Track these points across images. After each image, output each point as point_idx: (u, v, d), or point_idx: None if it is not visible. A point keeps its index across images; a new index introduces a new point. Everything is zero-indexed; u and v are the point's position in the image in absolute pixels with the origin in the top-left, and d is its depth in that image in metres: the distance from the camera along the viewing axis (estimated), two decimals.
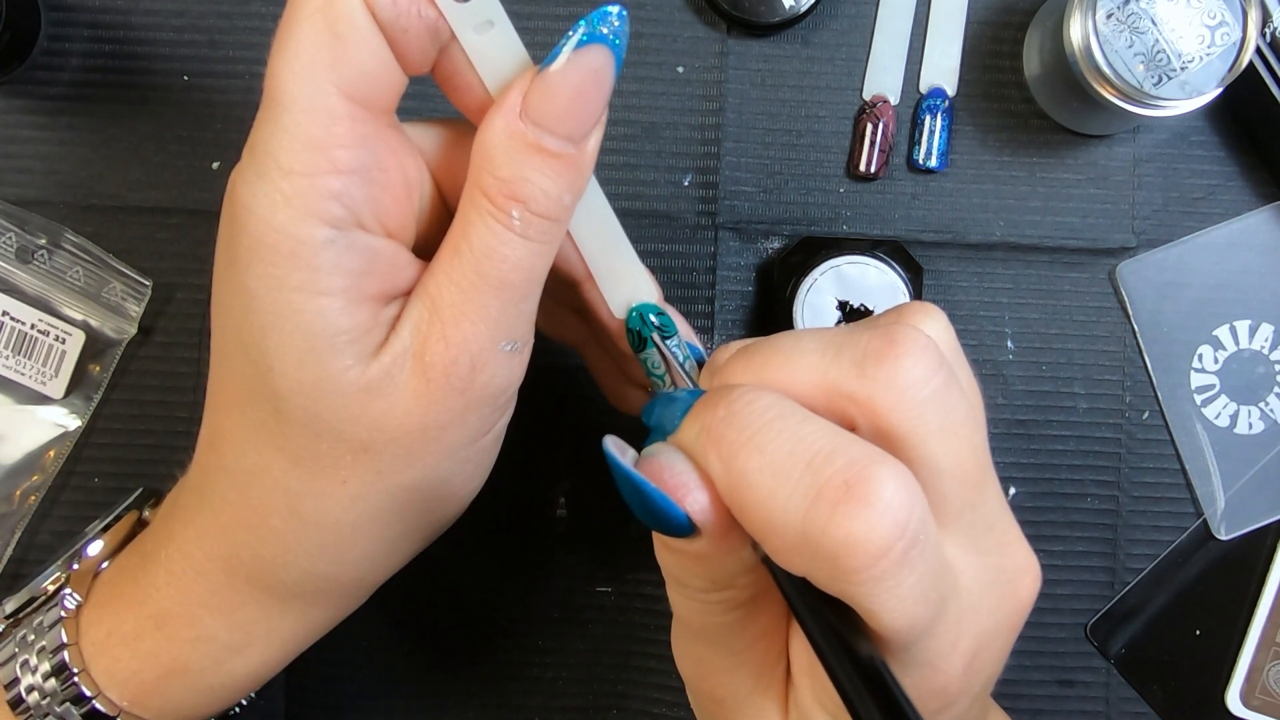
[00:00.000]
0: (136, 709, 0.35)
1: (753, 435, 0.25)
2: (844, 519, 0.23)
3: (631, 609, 0.48)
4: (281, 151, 0.28)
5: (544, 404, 0.47)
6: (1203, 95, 0.42)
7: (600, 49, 0.29)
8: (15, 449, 0.46)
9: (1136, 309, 0.48)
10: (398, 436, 0.30)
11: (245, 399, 0.31)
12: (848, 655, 0.24)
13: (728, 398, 0.26)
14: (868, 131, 0.48)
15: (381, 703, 0.48)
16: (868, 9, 0.48)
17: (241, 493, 0.32)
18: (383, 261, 0.30)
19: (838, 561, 0.23)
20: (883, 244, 0.46)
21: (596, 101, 0.29)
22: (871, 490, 0.23)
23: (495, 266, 0.29)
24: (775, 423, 0.25)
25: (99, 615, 0.35)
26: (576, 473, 0.49)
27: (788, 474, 0.24)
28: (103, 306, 0.47)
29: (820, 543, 0.24)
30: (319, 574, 0.33)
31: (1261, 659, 0.48)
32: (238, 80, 0.48)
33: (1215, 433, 0.48)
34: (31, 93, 0.47)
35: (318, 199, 0.28)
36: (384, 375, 0.29)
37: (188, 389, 0.48)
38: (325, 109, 0.28)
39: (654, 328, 0.35)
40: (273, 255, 0.28)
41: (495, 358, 0.30)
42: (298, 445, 0.30)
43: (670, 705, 0.48)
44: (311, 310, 0.28)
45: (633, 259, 0.35)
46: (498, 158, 0.29)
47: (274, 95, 0.28)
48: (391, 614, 0.48)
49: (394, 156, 0.30)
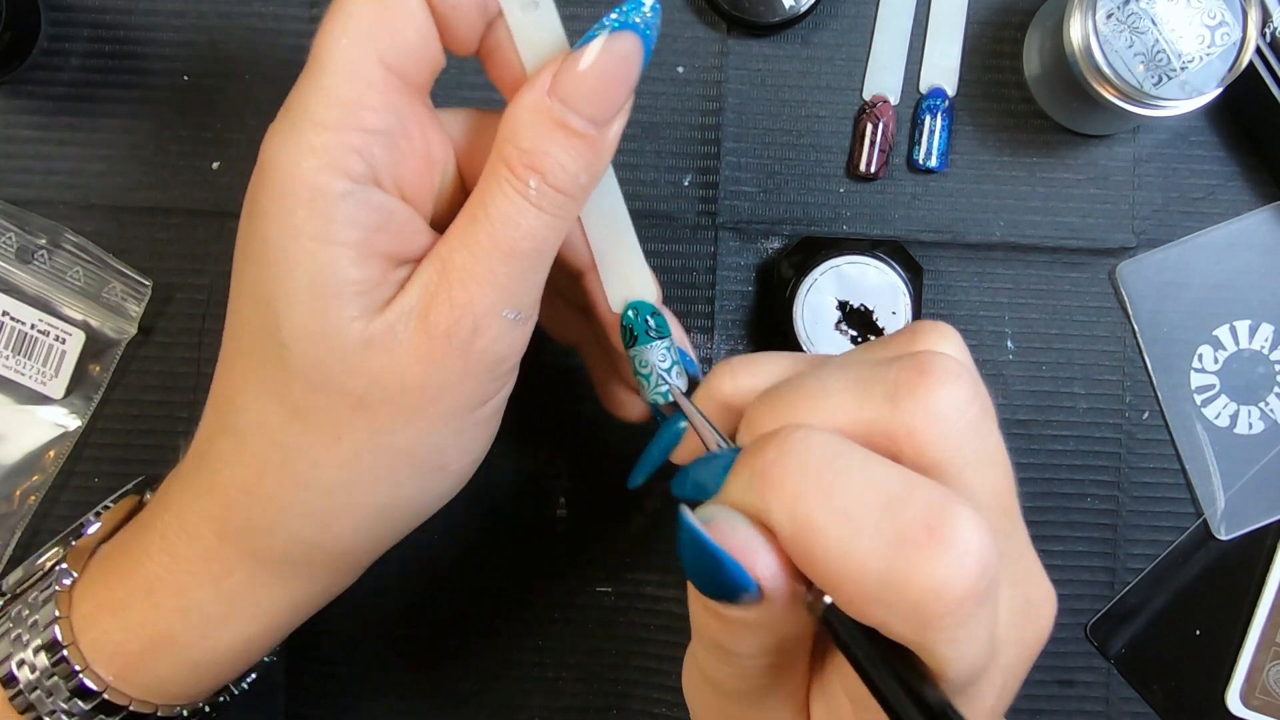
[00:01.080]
0: (122, 684, 0.35)
1: (816, 478, 0.24)
2: (931, 564, 0.23)
3: (631, 609, 0.48)
4: (314, 107, 0.29)
5: (545, 404, 0.47)
6: (1203, 95, 0.42)
7: (630, 36, 0.30)
8: (15, 449, 0.46)
9: (1136, 309, 0.48)
10: (395, 394, 0.30)
11: (252, 351, 0.31)
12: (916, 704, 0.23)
13: (777, 439, 0.25)
14: (868, 131, 0.48)
15: (381, 703, 0.48)
16: (868, 9, 0.48)
17: (238, 450, 0.32)
18: (396, 222, 0.31)
19: (922, 609, 0.23)
20: (883, 244, 0.46)
21: (623, 87, 0.31)
22: (954, 533, 0.23)
23: (508, 233, 0.30)
24: (837, 463, 0.24)
25: (91, 589, 0.36)
26: (577, 473, 0.49)
27: (862, 519, 0.23)
28: (103, 306, 0.47)
29: (905, 590, 0.23)
30: (307, 540, 0.33)
31: (1261, 659, 0.48)
32: (238, 80, 0.48)
33: (1215, 433, 0.48)
34: (31, 93, 0.47)
35: (341, 153, 0.29)
36: (387, 330, 0.30)
37: (188, 389, 0.48)
38: (363, 74, 0.29)
39: (646, 326, 0.35)
40: (292, 203, 0.29)
41: (498, 323, 0.31)
42: (297, 397, 0.31)
43: (670, 705, 0.48)
44: (323, 258, 0.29)
45: (638, 257, 0.36)
46: (522, 130, 0.30)
47: (316, 57, 0.30)
48: (391, 614, 0.48)
49: (420, 129, 0.31)
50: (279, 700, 0.48)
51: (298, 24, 0.48)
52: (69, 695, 0.35)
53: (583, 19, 0.47)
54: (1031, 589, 0.28)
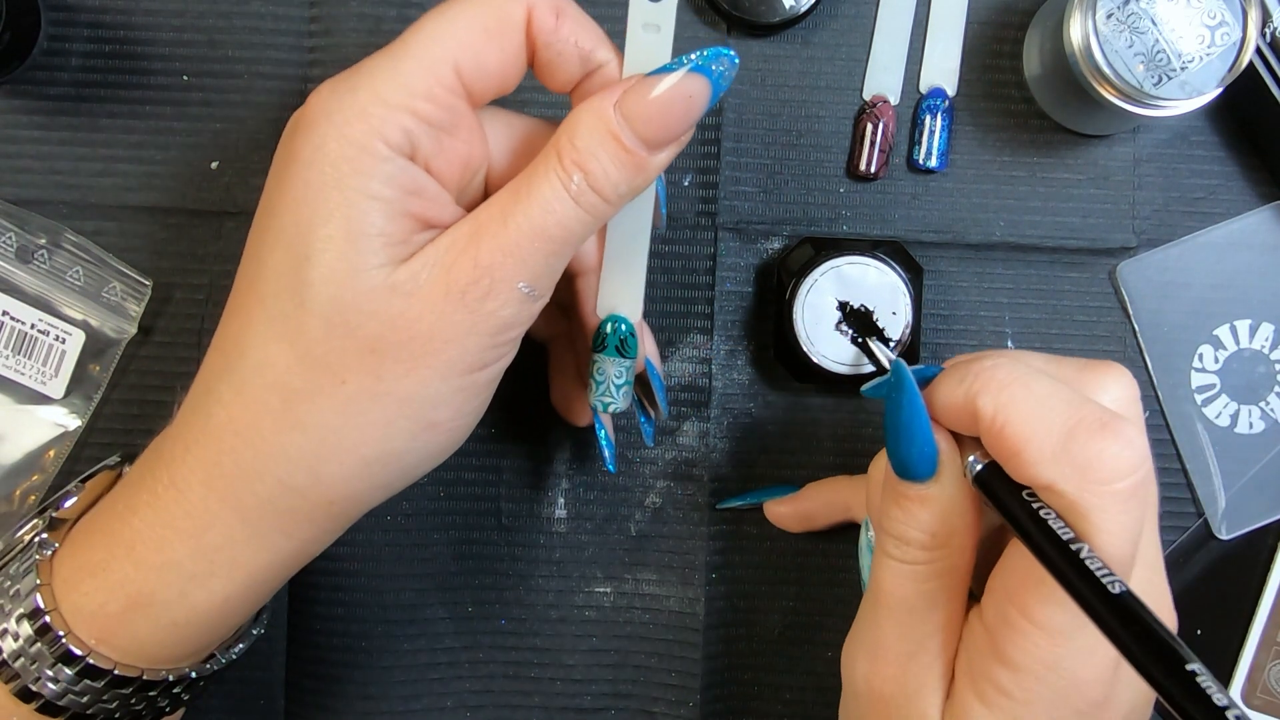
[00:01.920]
0: (104, 647, 0.35)
1: (1019, 377, 0.31)
2: (1102, 441, 0.29)
3: (630, 609, 0.48)
4: (383, 83, 0.32)
5: (544, 404, 0.47)
6: (1203, 95, 0.42)
7: (701, 80, 0.33)
8: (15, 449, 0.46)
9: (1137, 309, 0.48)
10: (405, 340, 0.33)
11: (270, 293, 0.33)
12: (1070, 556, 0.28)
13: (987, 355, 0.33)
14: (868, 131, 0.48)
15: (381, 703, 0.48)
16: (868, 9, 0.48)
17: (238, 393, 0.34)
18: (428, 193, 0.33)
19: (1088, 471, 0.29)
20: (883, 244, 0.46)
21: (681, 122, 0.34)
22: (1123, 429, 0.29)
23: (543, 216, 0.33)
24: (1036, 375, 0.31)
25: (72, 552, 0.36)
26: (576, 473, 0.49)
27: (1052, 405, 0.30)
28: (103, 306, 0.47)
29: (1078, 453, 0.29)
30: (294, 487, 0.34)
31: (1263, 658, 0.48)
32: (238, 80, 0.48)
33: (1216, 432, 0.48)
34: (31, 93, 0.47)
35: (391, 127, 0.32)
36: (409, 276, 0.32)
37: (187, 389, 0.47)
38: (436, 72, 0.33)
39: (618, 341, 0.39)
40: (337, 157, 0.32)
41: (511, 292, 0.33)
42: (310, 338, 0.33)
43: (669, 704, 0.48)
44: (360, 208, 0.32)
45: (640, 279, 0.39)
46: (580, 130, 0.33)
47: (405, 41, 0.33)
48: (391, 614, 0.48)
49: (466, 134, 0.35)
50: (279, 700, 0.48)
51: (298, 24, 0.48)
52: (54, 662, 0.35)
53: None
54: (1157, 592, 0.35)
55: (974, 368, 0.32)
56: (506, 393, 0.38)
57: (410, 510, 0.48)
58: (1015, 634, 0.30)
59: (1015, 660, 0.30)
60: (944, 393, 0.32)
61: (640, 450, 0.48)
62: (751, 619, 0.48)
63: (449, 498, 0.48)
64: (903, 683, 0.33)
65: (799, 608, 0.48)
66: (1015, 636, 0.30)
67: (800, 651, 0.48)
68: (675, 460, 0.48)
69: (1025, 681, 0.30)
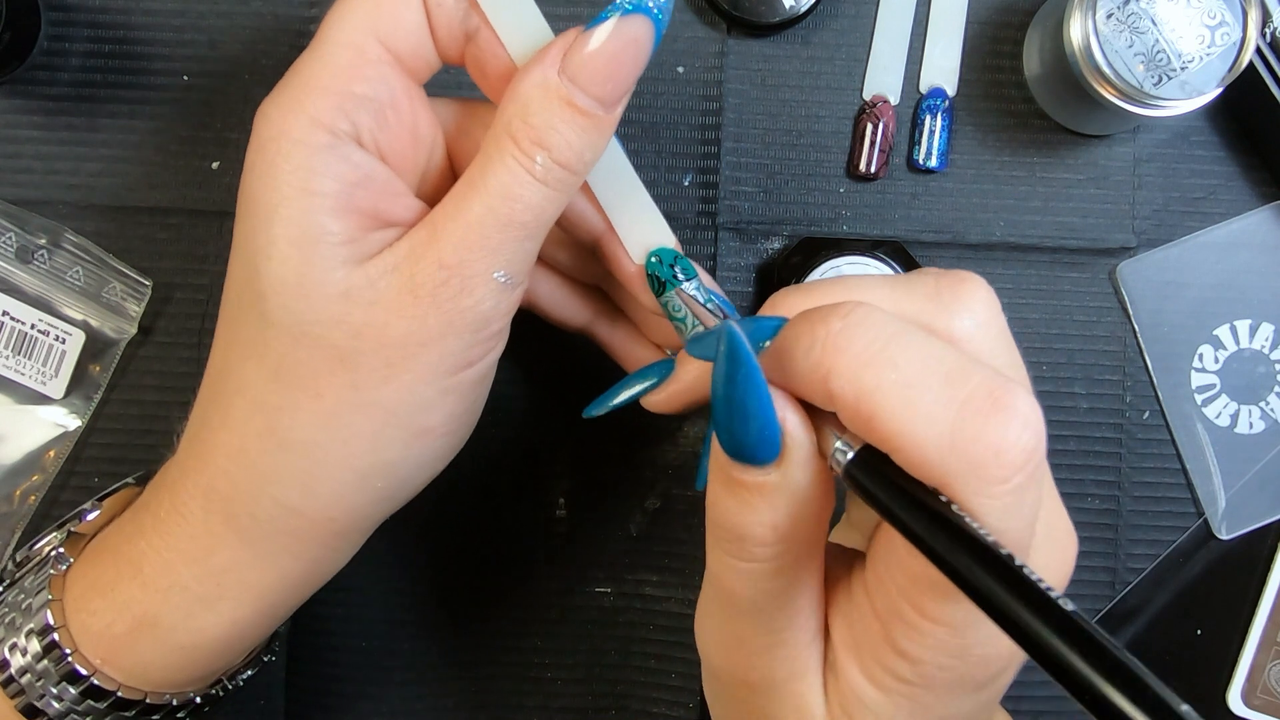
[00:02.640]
0: (109, 668, 0.35)
1: (882, 348, 0.25)
2: (994, 429, 0.24)
3: (630, 609, 0.48)
4: (308, 72, 0.31)
5: (544, 404, 0.47)
6: (1203, 95, 0.42)
7: (643, 20, 0.31)
8: (15, 449, 0.46)
9: (1137, 309, 0.48)
10: (376, 347, 0.31)
11: (237, 314, 0.32)
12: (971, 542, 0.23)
13: (840, 312, 0.26)
14: (868, 131, 0.48)
15: (381, 703, 0.48)
16: (868, 9, 0.48)
17: (225, 417, 0.33)
18: (377, 182, 0.32)
19: (982, 469, 0.24)
20: (883, 245, 0.46)
21: (632, 70, 0.31)
22: (1016, 404, 0.24)
23: (508, 205, 0.31)
24: (902, 337, 0.25)
25: (84, 570, 0.36)
26: (576, 473, 0.49)
27: (926, 388, 0.24)
28: (103, 306, 0.46)
29: (969, 451, 0.24)
30: (291, 506, 0.33)
31: (1263, 658, 0.48)
32: (238, 80, 0.48)
33: (1216, 432, 0.48)
34: (31, 93, 0.47)
35: (326, 112, 0.30)
36: (368, 283, 0.31)
37: (187, 389, 0.47)
38: (358, 46, 0.31)
39: (672, 271, 0.36)
40: (274, 157, 0.30)
41: (487, 284, 0.31)
42: (277, 354, 0.31)
43: (669, 704, 0.48)
44: (301, 205, 0.30)
45: (651, 208, 0.36)
46: (532, 105, 0.31)
47: (320, 35, 0.31)
48: (391, 614, 0.48)
49: (409, 104, 0.33)
50: (279, 700, 0.47)
51: (297, 24, 0.48)
52: (59, 680, 0.35)
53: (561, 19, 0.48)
54: (1054, 519, 0.29)
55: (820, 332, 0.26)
56: (506, 391, 0.38)
57: (410, 510, 0.48)
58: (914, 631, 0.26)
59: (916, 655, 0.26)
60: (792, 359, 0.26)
61: (643, 450, 0.48)
62: None
63: (449, 498, 0.48)
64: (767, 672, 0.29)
65: None
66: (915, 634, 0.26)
67: None
68: (675, 461, 0.48)
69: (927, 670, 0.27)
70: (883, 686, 0.27)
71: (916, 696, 0.27)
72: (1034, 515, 0.25)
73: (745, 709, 0.30)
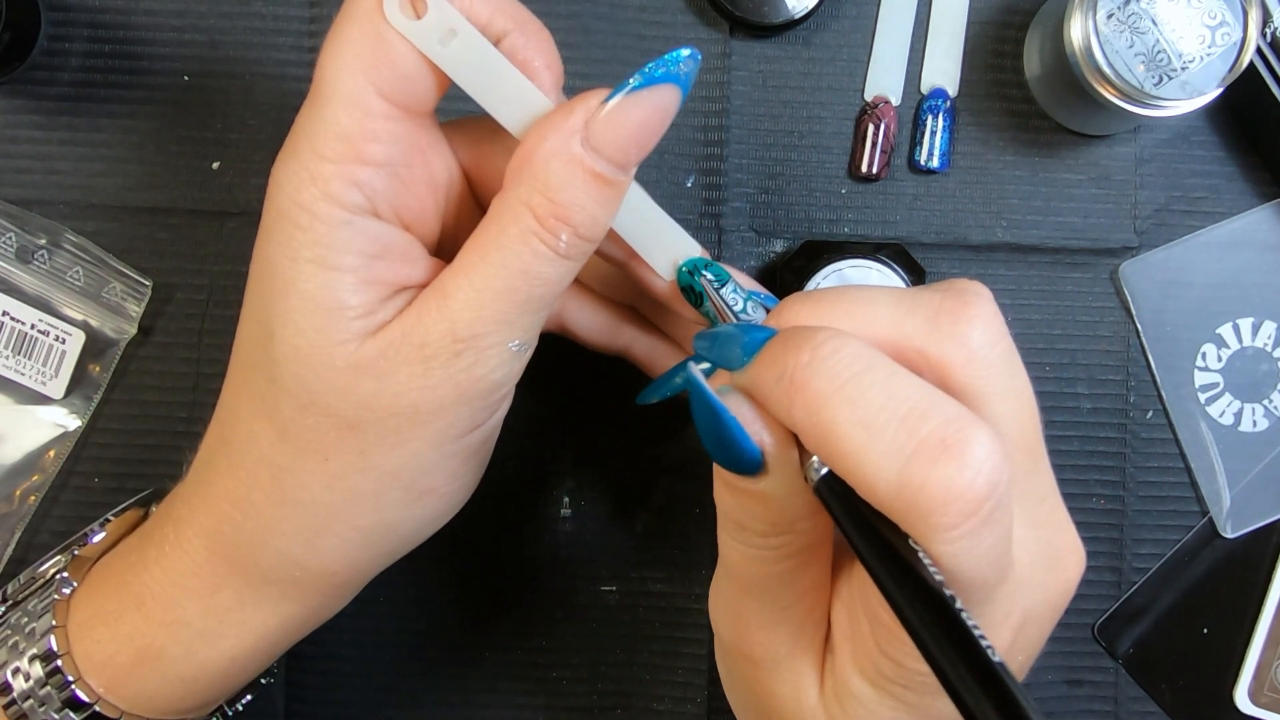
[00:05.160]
0: (112, 696, 0.35)
1: (842, 386, 0.25)
2: (941, 477, 0.23)
3: (635, 607, 0.48)
4: (317, 138, 0.30)
5: (547, 404, 0.47)
6: (1203, 95, 0.42)
7: (671, 88, 0.30)
8: (15, 449, 0.46)
9: (1139, 308, 0.48)
10: (384, 416, 0.31)
11: (248, 367, 0.32)
12: (914, 581, 0.24)
13: (812, 343, 0.26)
14: (869, 132, 0.48)
15: (382, 703, 0.48)
16: (869, 10, 0.48)
17: (232, 464, 0.33)
18: (395, 251, 0.31)
19: (930, 519, 0.24)
20: (885, 247, 0.46)
21: (657, 136, 0.30)
22: (968, 450, 0.24)
23: (528, 284, 0.30)
24: (865, 375, 0.25)
25: (88, 597, 0.36)
26: (580, 472, 0.48)
27: (882, 428, 0.24)
28: (103, 306, 0.46)
29: (915, 500, 0.24)
30: (293, 559, 0.33)
31: (1269, 656, 0.48)
32: (238, 80, 0.48)
33: (1220, 431, 0.48)
34: (31, 93, 0.47)
35: (341, 184, 0.29)
36: (379, 354, 0.30)
37: (187, 389, 0.47)
38: (362, 105, 0.29)
39: (704, 277, 0.35)
40: (292, 228, 0.30)
41: (500, 354, 0.31)
42: (286, 416, 0.31)
43: (675, 701, 0.48)
44: (319, 281, 0.30)
45: (667, 222, 0.35)
46: (555, 180, 0.29)
47: (319, 86, 0.30)
48: (393, 614, 0.48)
49: (422, 156, 0.32)
50: (279, 700, 0.47)
51: (298, 24, 0.48)
52: (60, 706, 0.35)
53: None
54: (1056, 535, 0.29)
55: (791, 360, 0.26)
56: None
57: None
58: (892, 637, 0.26)
59: (896, 658, 0.27)
60: (765, 384, 0.27)
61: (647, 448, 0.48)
62: None
63: None
64: (770, 648, 0.30)
65: None
66: (892, 640, 0.26)
67: None
68: (680, 458, 0.48)
69: (907, 674, 0.27)
70: (872, 681, 0.27)
71: (901, 695, 0.27)
72: (994, 554, 0.25)
73: (748, 683, 0.31)
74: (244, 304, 0.33)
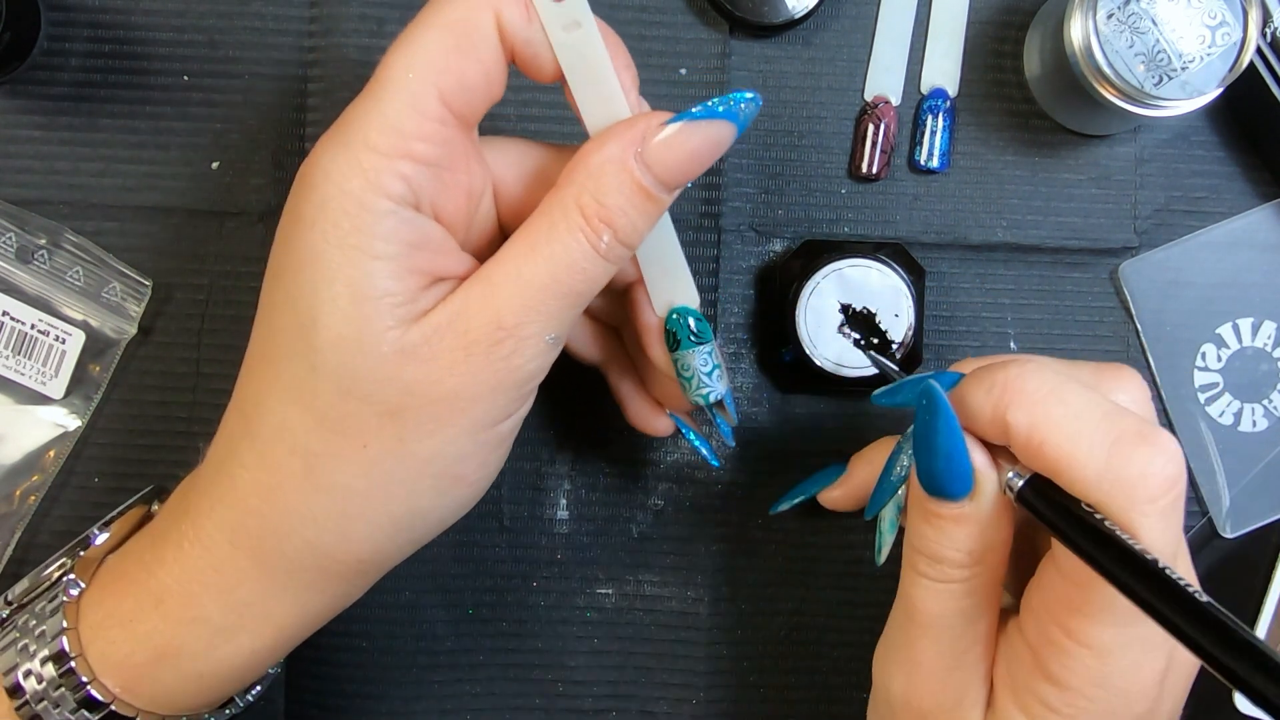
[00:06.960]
0: (128, 695, 0.35)
1: (1052, 389, 0.30)
2: (1145, 456, 0.29)
3: (632, 610, 0.48)
4: (372, 130, 0.31)
5: (546, 406, 0.47)
6: (1203, 95, 0.42)
7: (727, 125, 0.32)
8: (15, 449, 0.46)
9: (1139, 308, 0.48)
10: (425, 403, 0.31)
11: (283, 356, 0.32)
12: (1122, 550, 0.28)
13: (1016, 362, 0.32)
14: (869, 132, 0.48)
15: (381, 703, 0.48)
16: (869, 10, 0.48)
17: (260, 456, 0.33)
18: (434, 243, 0.32)
19: (1135, 490, 0.29)
20: (885, 246, 0.45)
21: (705, 165, 0.33)
22: (1161, 440, 0.29)
23: (571, 277, 0.32)
24: (1067, 382, 0.31)
25: (100, 598, 0.36)
26: (578, 475, 0.48)
27: (1090, 420, 0.30)
28: (103, 306, 0.46)
29: (1123, 473, 0.29)
30: (322, 549, 0.33)
31: None
32: (238, 80, 0.48)
33: (1219, 431, 0.48)
34: (31, 93, 0.47)
35: (389, 177, 0.31)
36: (423, 341, 0.31)
37: (187, 389, 0.47)
38: (421, 106, 0.31)
39: (689, 331, 0.37)
40: (338, 216, 0.31)
41: (538, 345, 0.32)
42: (325, 403, 0.32)
43: (672, 703, 0.48)
44: (364, 269, 0.31)
45: (682, 265, 0.37)
46: (606, 185, 0.32)
47: (382, 80, 0.31)
48: (392, 614, 0.48)
49: (464, 163, 0.33)
50: (279, 700, 0.47)
51: (298, 24, 0.48)
52: (75, 706, 0.35)
53: None
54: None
55: (999, 377, 0.31)
56: None
57: None
58: (1062, 654, 0.30)
59: (1063, 679, 0.30)
60: (971, 403, 0.32)
61: (645, 451, 0.48)
62: (755, 620, 0.48)
63: None
64: (941, 697, 0.33)
65: (804, 609, 0.48)
66: (1062, 656, 0.30)
67: (805, 653, 0.48)
68: (677, 462, 0.48)
69: (1072, 698, 0.30)
70: (1032, 714, 0.31)
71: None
72: (1176, 531, 0.30)
73: None
74: (268, 295, 0.33)
